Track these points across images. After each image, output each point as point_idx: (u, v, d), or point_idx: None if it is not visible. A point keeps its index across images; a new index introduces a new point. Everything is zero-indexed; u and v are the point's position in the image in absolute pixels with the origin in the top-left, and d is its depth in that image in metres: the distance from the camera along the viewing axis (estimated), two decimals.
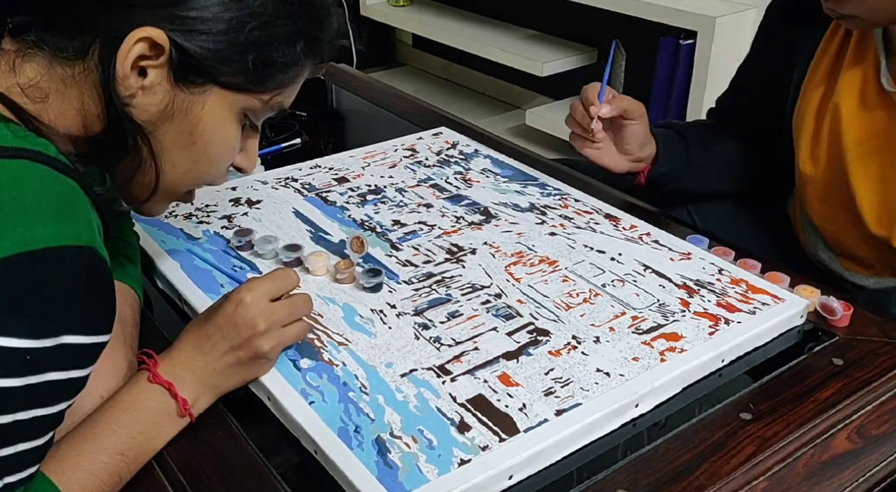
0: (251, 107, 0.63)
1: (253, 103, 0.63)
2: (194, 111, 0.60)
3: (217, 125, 0.62)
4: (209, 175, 0.67)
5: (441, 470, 0.59)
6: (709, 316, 0.77)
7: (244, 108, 0.63)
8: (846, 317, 0.79)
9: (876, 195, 0.93)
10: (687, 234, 0.92)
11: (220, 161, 0.66)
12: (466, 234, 0.92)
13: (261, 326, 0.65)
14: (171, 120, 0.60)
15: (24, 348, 0.48)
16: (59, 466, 0.56)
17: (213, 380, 0.65)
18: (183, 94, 0.60)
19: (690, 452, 0.64)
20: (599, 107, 0.95)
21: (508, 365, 0.70)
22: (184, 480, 0.61)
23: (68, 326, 0.50)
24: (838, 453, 0.65)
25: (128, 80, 0.57)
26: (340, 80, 1.48)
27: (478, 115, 2.80)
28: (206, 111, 0.61)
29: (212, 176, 0.67)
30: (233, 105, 0.62)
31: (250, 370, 0.67)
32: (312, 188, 1.03)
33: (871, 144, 0.92)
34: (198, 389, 0.64)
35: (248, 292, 0.66)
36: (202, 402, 0.65)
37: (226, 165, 0.67)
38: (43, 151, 0.52)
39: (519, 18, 2.73)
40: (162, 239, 0.89)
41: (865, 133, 0.93)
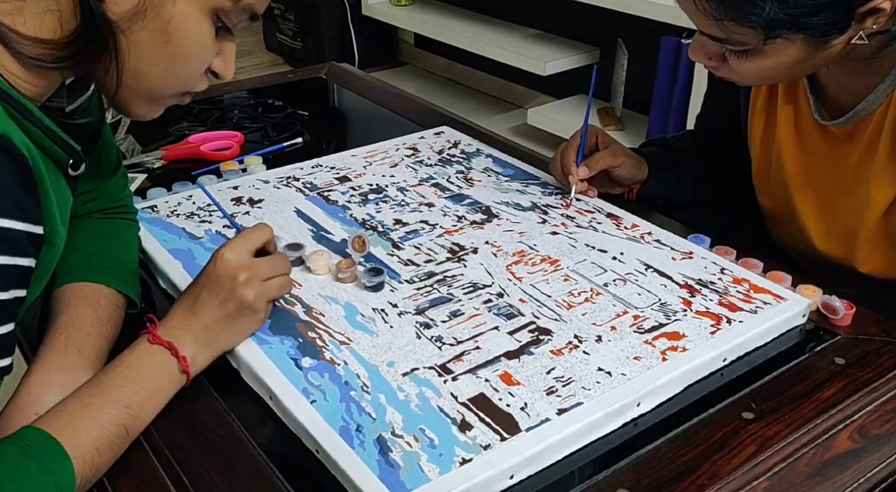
0: (222, 7, 0.64)
1: (224, 3, 0.64)
2: (166, 7, 0.61)
3: (189, 22, 0.63)
4: (188, 74, 0.66)
5: (442, 469, 0.59)
6: (710, 315, 0.77)
7: (215, 8, 0.64)
8: (848, 316, 0.79)
9: (821, 222, 0.95)
10: (688, 233, 0.92)
11: (196, 60, 0.66)
12: (468, 233, 0.92)
13: (242, 276, 0.69)
14: (144, 17, 0.61)
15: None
16: (68, 417, 0.58)
17: (207, 337, 0.68)
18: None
19: (692, 451, 0.64)
20: (576, 173, 0.97)
21: (510, 364, 0.70)
22: (186, 479, 0.61)
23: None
24: (840, 452, 0.65)
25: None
26: (342, 80, 1.48)
27: (480, 114, 2.80)
28: (178, 8, 0.62)
29: (189, 75, 0.67)
30: (204, 4, 0.63)
31: (240, 324, 0.71)
32: (314, 187, 1.03)
33: (811, 174, 0.94)
34: (194, 346, 0.67)
35: (225, 249, 0.70)
36: (199, 360, 0.68)
37: (202, 66, 0.67)
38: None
39: (521, 17, 2.73)
40: (164, 238, 0.89)
41: (804, 163, 0.95)
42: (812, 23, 0.73)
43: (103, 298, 0.72)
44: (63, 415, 0.59)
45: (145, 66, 0.63)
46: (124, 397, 0.62)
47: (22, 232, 0.53)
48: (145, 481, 0.61)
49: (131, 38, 0.61)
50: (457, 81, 3.16)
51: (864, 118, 0.86)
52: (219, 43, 0.67)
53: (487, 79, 3.01)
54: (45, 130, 0.59)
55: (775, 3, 0.72)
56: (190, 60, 0.65)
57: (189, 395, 0.68)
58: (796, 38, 0.75)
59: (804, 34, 0.75)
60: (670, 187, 1.05)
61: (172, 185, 1.02)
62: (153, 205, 0.97)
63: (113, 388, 0.62)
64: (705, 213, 1.10)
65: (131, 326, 0.73)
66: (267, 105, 1.36)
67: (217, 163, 1.11)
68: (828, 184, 0.93)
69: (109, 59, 0.61)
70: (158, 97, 0.67)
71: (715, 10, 0.75)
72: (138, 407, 0.62)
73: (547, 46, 2.53)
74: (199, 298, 0.69)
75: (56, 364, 0.65)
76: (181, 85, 0.67)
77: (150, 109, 0.68)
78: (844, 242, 0.94)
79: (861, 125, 0.87)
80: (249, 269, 0.70)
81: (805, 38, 0.75)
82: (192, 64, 0.66)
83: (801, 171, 0.95)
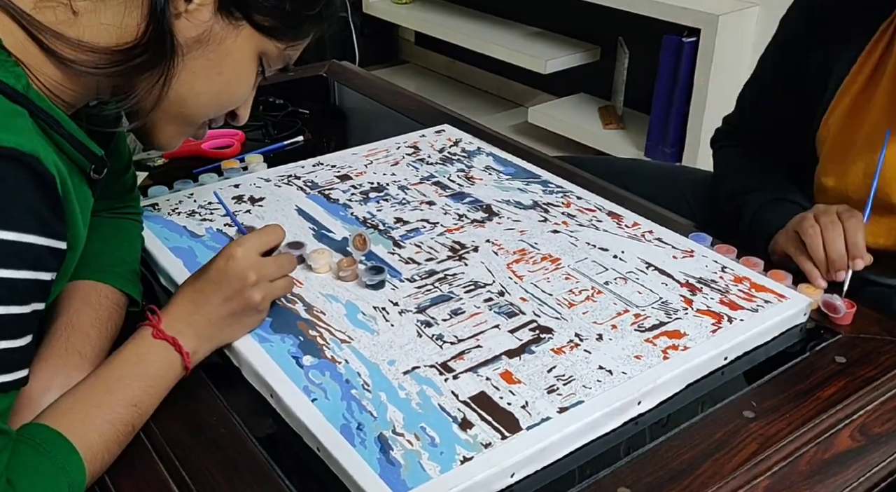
0: (269, 52, 0.69)
1: (271, 49, 0.68)
2: (226, 43, 0.65)
3: (242, 61, 0.67)
4: (223, 107, 0.70)
5: (443, 468, 0.59)
6: (711, 314, 0.77)
7: (263, 52, 0.68)
8: (849, 315, 0.79)
9: None
10: (689, 231, 0.92)
11: (236, 96, 0.70)
12: (469, 231, 0.92)
13: (251, 277, 0.70)
14: (205, 47, 0.64)
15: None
16: (80, 416, 0.59)
17: (209, 332, 0.69)
18: (220, 24, 0.64)
19: (693, 450, 0.64)
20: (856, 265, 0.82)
21: (511, 363, 0.70)
22: (187, 477, 0.61)
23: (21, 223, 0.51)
24: (841, 451, 0.65)
25: (177, 0, 0.61)
26: (343, 78, 1.48)
27: (480, 112, 2.79)
28: (237, 45, 0.66)
29: (224, 108, 0.71)
30: (257, 46, 0.67)
31: (243, 321, 0.72)
32: (315, 186, 1.03)
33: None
34: (195, 341, 0.68)
35: (238, 247, 0.70)
36: (200, 354, 0.69)
37: (238, 103, 0.71)
38: (9, 82, 0.54)
39: (522, 16, 2.72)
40: (165, 236, 0.89)
41: None
42: None
43: (104, 297, 0.72)
44: (73, 413, 0.59)
45: (191, 93, 0.66)
46: (132, 396, 0.62)
47: (45, 248, 0.54)
48: (147, 479, 0.61)
49: (188, 63, 0.64)
50: (457, 79, 3.15)
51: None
52: None
53: (488, 77, 3.01)
54: (71, 138, 0.60)
55: None
56: (233, 96, 0.69)
57: (190, 393, 0.68)
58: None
59: None
60: None
61: (174, 183, 1.02)
62: (154, 203, 0.97)
63: (122, 386, 0.62)
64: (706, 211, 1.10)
65: (132, 324, 0.73)
66: (268, 103, 1.36)
67: (218, 161, 1.11)
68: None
69: (158, 78, 0.63)
70: (189, 125, 0.70)
71: None
72: (145, 405, 0.63)
73: (548, 44, 2.53)
74: (204, 293, 0.69)
75: (58, 367, 0.65)
76: (212, 115, 0.70)
77: (172, 138, 0.71)
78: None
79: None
80: (259, 270, 0.70)
81: None
82: (232, 99, 0.70)
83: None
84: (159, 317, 0.67)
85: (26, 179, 0.52)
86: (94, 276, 0.73)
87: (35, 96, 0.57)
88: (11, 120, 0.53)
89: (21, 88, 0.55)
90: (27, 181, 0.52)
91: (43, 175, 0.53)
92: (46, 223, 0.54)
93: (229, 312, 0.70)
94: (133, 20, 0.60)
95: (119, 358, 0.65)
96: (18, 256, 0.52)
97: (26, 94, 0.55)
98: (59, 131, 0.59)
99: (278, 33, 0.68)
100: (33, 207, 0.53)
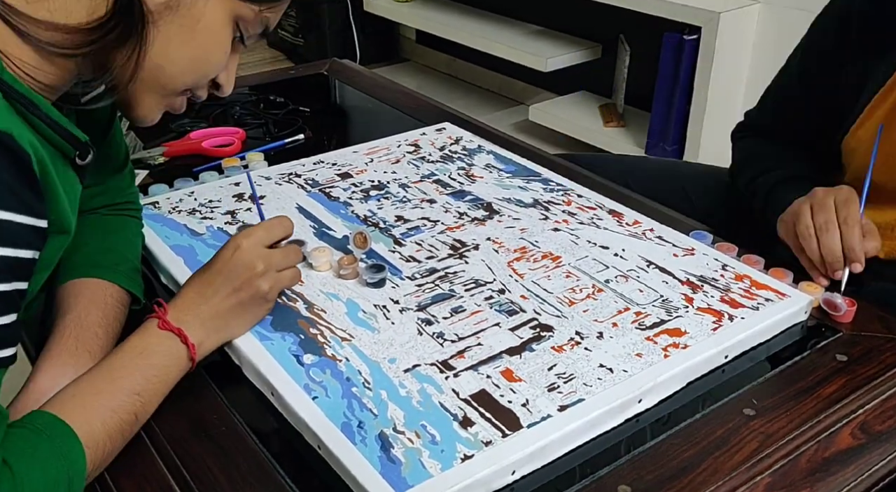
0: (245, 16, 0.66)
1: (247, 12, 0.66)
2: (197, 6, 0.63)
3: (216, 25, 0.65)
4: (202, 76, 0.68)
5: (444, 465, 0.59)
6: (712, 312, 0.77)
7: (239, 16, 0.66)
8: (850, 313, 0.79)
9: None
10: (690, 229, 0.92)
11: (214, 63, 0.68)
12: (469, 229, 0.92)
13: (259, 266, 0.70)
14: (176, 12, 0.62)
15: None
16: (81, 403, 0.59)
17: (216, 323, 0.69)
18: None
19: (693, 447, 0.64)
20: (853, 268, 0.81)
21: (511, 361, 0.70)
22: (188, 475, 0.61)
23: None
24: (842, 449, 0.65)
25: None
26: (343, 76, 1.48)
27: (481, 110, 2.79)
28: (209, 9, 0.63)
29: (202, 76, 0.68)
30: (231, 10, 0.65)
31: (251, 311, 0.72)
32: (316, 184, 1.03)
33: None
34: (202, 332, 0.68)
35: (244, 238, 0.71)
36: (206, 345, 0.68)
37: (216, 70, 0.69)
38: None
39: (522, 14, 2.72)
40: (166, 235, 0.89)
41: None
42: None
43: (109, 296, 0.72)
44: (75, 400, 0.59)
45: (165, 62, 0.64)
46: (136, 385, 0.62)
47: (23, 225, 0.53)
48: (147, 476, 0.61)
49: (160, 30, 0.62)
50: (458, 78, 3.15)
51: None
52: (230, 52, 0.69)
53: (489, 75, 3.01)
54: (51, 122, 0.59)
55: None
56: (209, 62, 0.67)
57: (191, 391, 0.68)
58: None
59: None
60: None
61: (174, 181, 1.02)
62: (155, 201, 0.97)
63: (124, 375, 0.62)
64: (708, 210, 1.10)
65: (134, 322, 0.73)
66: (268, 101, 1.36)
67: (218, 159, 1.11)
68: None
69: (133, 48, 0.61)
70: (167, 95, 0.68)
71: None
72: (149, 395, 0.63)
73: (548, 42, 2.53)
74: (212, 284, 0.69)
75: (68, 365, 0.65)
76: (191, 83, 0.68)
77: (151, 110, 0.69)
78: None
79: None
80: (266, 259, 0.71)
81: None
82: (209, 66, 0.68)
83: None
84: (165, 309, 0.67)
85: (3, 157, 0.51)
86: (100, 273, 0.73)
87: (9, 78, 0.56)
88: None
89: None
90: (4, 160, 0.51)
91: (16, 152, 0.52)
92: (22, 200, 0.53)
93: (237, 303, 0.70)
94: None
95: (123, 349, 0.64)
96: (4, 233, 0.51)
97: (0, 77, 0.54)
98: (36, 114, 0.58)
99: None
100: (8, 184, 0.52)
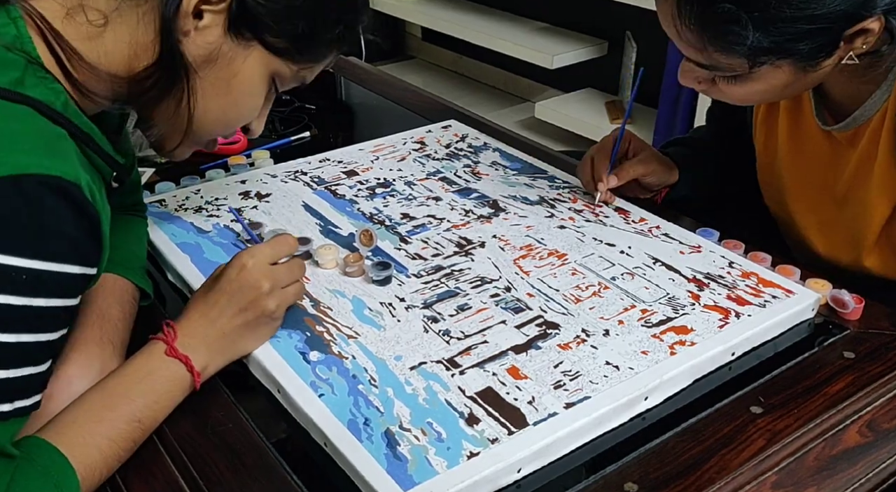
0: (281, 73, 0.69)
1: (284, 70, 0.68)
2: (236, 63, 0.65)
3: (252, 81, 0.67)
4: (231, 126, 0.71)
5: (450, 463, 0.59)
6: (719, 309, 0.77)
7: (275, 73, 0.69)
8: (858, 310, 0.78)
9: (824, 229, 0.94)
10: (697, 227, 0.92)
11: (245, 115, 0.70)
12: (475, 227, 0.92)
13: (265, 286, 0.68)
14: (214, 66, 0.64)
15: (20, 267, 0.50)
16: (80, 432, 0.58)
17: (221, 345, 0.68)
18: (230, 44, 0.64)
19: (700, 445, 0.64)
20: (606, 181, 0.94)
21: (517, 358, 0.70)
22: (195, 472, 0.61)
23: (59, 253, 0.52)
24: (849, 446, 0.65)
25: (186, 18, 0.61)
26: (350, 73, 1.48)
27: (487, 107, 2.79)
28: (247, 65, 0.66)
29: (232, 127, 0.72)
30: (268, 66, 0.67)
31: (257, 332, 0.70)
32: (322, 181, 1.03)
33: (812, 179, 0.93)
34: (207, 356, 0.67)
35: (249, 257, 0.69)
36: (211, 368, 0.67)
37: (247, 121, 0.72)
38: (47, 101, 0.55)
39: (528, 10, 2.72)
40: (172, 232, 0.89)
41: (806, 168, 0.93)
42: (797, 48, 0.72)
43: (126, 292, 0.73)
44: (74, 429, 0.58)
45: (200, 112, 0.66)
46: (136, 412, 0.61)
47: (79, 275, 0.55)
48: (155, 474, 0.61)
49: (196, 82, 0.64)
50: (464, 75, 3.15)
51: (863, 123, 0.85)
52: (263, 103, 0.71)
53: (495, 72, 3.00)
54: (101, 152, 0.61)
55: (759, 32, 0.70)
56: (241, 114, 0.70)
57: (199, 389, 0.68)
58: (783, 63, 0.74)
59: (791, 59, 0.74)
60: (699, 189, 1.02)
61: (180, 179, 1.03)
62: (161, 199, 0.97)
63: (126, 402, 0.61)
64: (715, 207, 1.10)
65: (141, 320, 0.74)
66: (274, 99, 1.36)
67: (225, 157, 1.11)
68: (829, 189, 0.92)
69: (169, 100, 0.64)
70: (198, 141, 0.71)
71: (698, 41, 0.74)
72: (149, 421, 0.62)
73: (555, 39, 2.52)
74: (218, 305, 0.67)
75: (95, 354, 0.66)
76: (220, 132, 0.71)
77: (187, 151, 0.72)
78: (849, 250, 0.93)
79: (860, 130, 0.86)
80: (272, 278, 0.69)
81: (793, 62, 0.74)
82: (240, 118, 0.70)
83: (800, 177, 0.94)
84: (175, 333, 0.66)
85: (69, 209, 0.52)
86: (115, 270, 0.73)
87: (73, 114, 0.57)
88: (56, 144, 0.53)
89: (60, 107, 0.55)
90: (69, 211, 0.53)
91: (83, 204, 0.53)
92: (83, 253, 0.54)
93: (243, 323, 0.68)
94: (146, 37, 0.60)
95: (126, 372, 0.63)
96: (54, 286, 0.52)
97: (65, 113, 0.56)
98: (91, 147, 0.59)
99: (292, 55, 0.67)
100: (73, 237, 0.53)
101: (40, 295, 0.52)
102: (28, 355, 0.52)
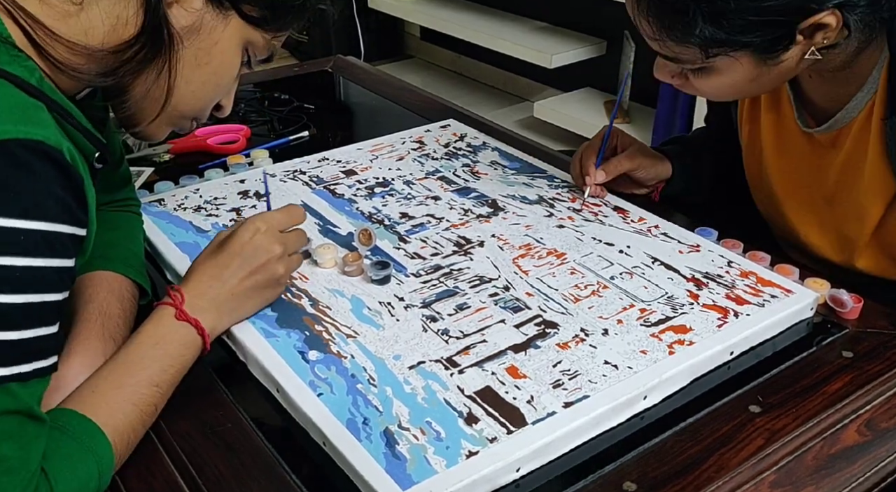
0: (255, 42, 0.69)
1: (258, 39, 0.69)
2: (216, 32, 0.66)
3: (229, 50, 0.68)
4: (210, 99, 0.71)
5: (449, 462, 0.59)
6: (717, 308, 0.77)
7: (249, 42, 0.69)
8: (856, 309, 0.79)
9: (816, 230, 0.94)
10: (695, 226, 0.92)
11: (222, 87, 0.71)
12: (474, 226, 0.92)
13: (277, 250, 0.72)
14: (196, 36, 0.65)
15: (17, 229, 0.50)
16: (103, 399, 0.60)
17: (230, 305, 0.70)
18: (211, 14, 0.65)
19: (699, 444, 0.64)
20: (594, 176, 0.95)
21: (516, 357, 0.70)
22: (193, 471, 0.61)
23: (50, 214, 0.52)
24: (848, 445, 0.65)
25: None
26: (348, 73, 1.48)
27: (486, 107, 2.79)
28: (225, 34, 0.67)
29: (210, 100, 0.71)
30: (243, 36, 0.68)
31: (264, 295, 0.73)
32: (320, 181, 1.03)
33: (796, 181, 0.94)
34: (215, 317, 0.69)
35: (262, 222, 0.72)
36: (218, 330, 0.70)
37: (224, 94, 0.72)
38: (24, 76, 0.54)
39: (527, 10, 2.72)
40: (171, 232, 0.89)
41: (789, 170, 0.94)
42: (750, 40, 0.73)
43: (125, 289, 0.73)
44: (96, 397, 0.60)
45: (180, 83, 0.66)
46: (154, 376, 0.63)
47: (69, 235, 0.55)
48: (154, 473, 0.61)
49: (178, 54, 0.64)
50: (463, 74, 3.15)
51: (845, 126, 0.85)
52: None
53: (493, 72, 3.00)
54: (81, 127, 0.61)
55: (708, 23, 0.72)
56: (219, 85, 0.70)
57: (198, 388, 0.68)
58: (740, 55, 0.75)
59: (748, 51, 0.75)
60: (693, 188, 1.02)
61: (179, 178, 1.02)
62: (160, 198, 0.97)
63: (143, 368, 0.63)
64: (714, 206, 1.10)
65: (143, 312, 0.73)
66: (273, 98, 1.36)
67: (223, 156, 1.12)
68: (816, 190, 0.92)
69: (150, 72, 0.64)
70: (176, 118, 0.70)
71: (655, 31, 0.77)
72: (166, 385, 0.64)
73: (553, 39, 2.52)
74: (229, 266, 0.70)
75: (98, 350, 0.66)
76: (199, 109, 0.71)
77: (160, 129, 0.71)
78: (841, 250, 0.93)
79: (843, 132, 0.86)
80: (283, 243, 0.72)
81: (751, 54, 0.75)
82: (219, 89, 0.70)
83: (787, 178, 0.95)
84: (182, 297, 0.67)
85: (54, 171, 0.53)
86: (114, 267, 0.74)
87: (48, 89, 0.57)
88: (34, 113, 0.53)
89: (35, 82, 0.56)
90: (55, 173, 0.53)
91: (68, 167, 0.54)
92: (73, 213, 0.55)
93: (253, 285, 0.71)
94: (127, 11, 0.60)
95: (139, 339, 0.65)
96: (50, 246, 0.53)
97: (40, 88, 0.56)
98: (71, 122, 0.59)
99: (265, 23, 0.69)
100: (62, 198, 0.54)
101: (39, 255, 0.52)
102: (37, 316, 0.52)
